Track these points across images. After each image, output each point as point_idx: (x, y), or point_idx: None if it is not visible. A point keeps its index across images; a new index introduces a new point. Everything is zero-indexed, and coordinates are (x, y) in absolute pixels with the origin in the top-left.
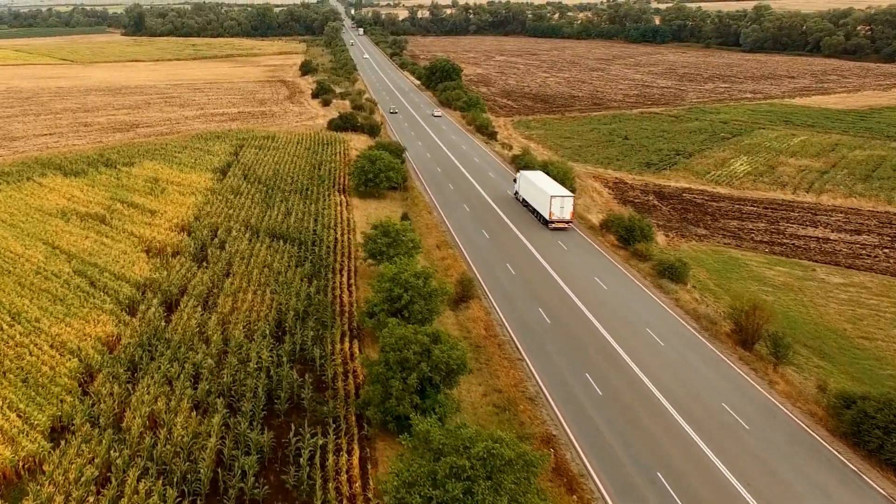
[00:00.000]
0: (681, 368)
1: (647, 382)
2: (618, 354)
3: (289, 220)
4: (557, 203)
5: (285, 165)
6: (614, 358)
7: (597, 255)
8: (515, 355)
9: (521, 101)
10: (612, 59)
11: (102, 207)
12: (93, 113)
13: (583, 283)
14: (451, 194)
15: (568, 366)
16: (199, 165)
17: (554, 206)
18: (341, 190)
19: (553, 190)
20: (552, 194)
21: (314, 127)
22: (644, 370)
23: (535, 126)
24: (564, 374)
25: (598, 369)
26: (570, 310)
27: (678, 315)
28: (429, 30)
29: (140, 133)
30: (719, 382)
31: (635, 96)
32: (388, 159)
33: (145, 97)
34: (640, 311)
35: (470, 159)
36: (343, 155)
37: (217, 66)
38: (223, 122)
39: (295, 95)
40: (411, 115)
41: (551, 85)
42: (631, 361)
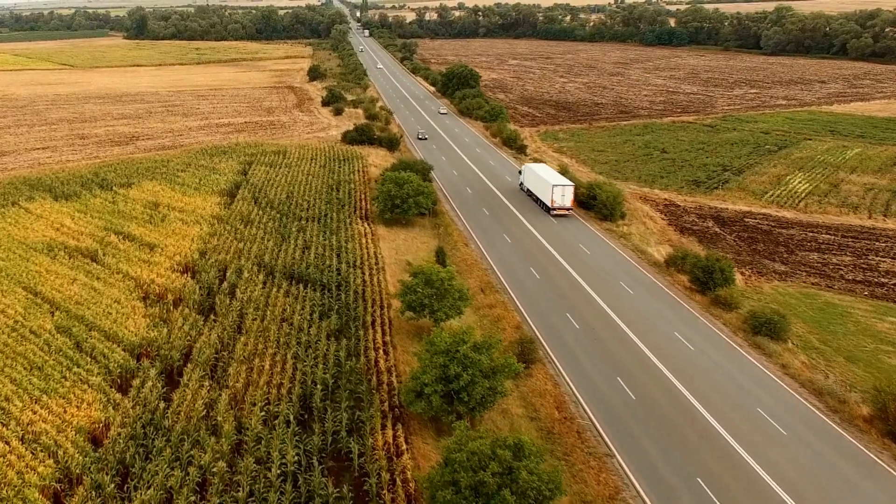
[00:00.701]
0: (817, 470)
1: (785, 497)
2: (734, 451)
3: (307, 257)
4: (559, 191)
5: (299, 186)
6: (730, 456)
7: (671, 302)
8: (602, 448)
9: (542, 108)
10: (630, 62)
11: (95, 240)
12: (90, 123)
13: (662, 341)
14: (486, 221)
15: (672, 468)
16: (204, 186)
17: (556, 194)
18: (364, 216)
19: (555, 180)
20: (554, 183)
21: (327, 139)
22: (774, 476)
23: (563, 138)
24: (669, 477)
25: (713, 474)
26: (655, 379)
27: (791, 388)
28: (437, 32)
29: (140, 147)
30: (878, 497)
31: (662, 103)
32: (416, 182)
33: (146, 105)
34: (744, 383)
35: (501, 178)
36: (362, 173)
37: (221, 70)
38: (229, 133)
39: (304, 103)
40: (430, 126)
41: (571, 91)
42: (754, 462)
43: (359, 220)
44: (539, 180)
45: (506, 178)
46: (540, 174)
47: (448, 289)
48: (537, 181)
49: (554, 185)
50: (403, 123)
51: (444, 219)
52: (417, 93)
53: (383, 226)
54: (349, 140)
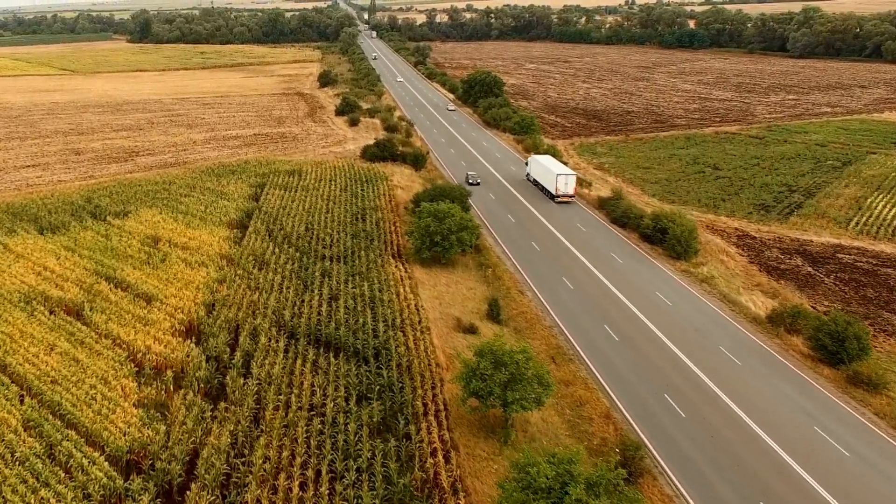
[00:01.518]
0: None
1: None
2: None
3: (336, 312)
4: (562, 180)
5: (319, 215)
6: None
7: (795, 380)
8: None
9: (570, 117)
10: (653, 66)
11: (82, 289)
12: (87, 136)
13: (801, 439)
14: (538, 258)
15: None
16: (210, 216)
17: (559, 182)
18: (396, 253)
19: (559, 170)
20: (558, 173)
21: (345, 155)
22: None
23: (601, 152)
24: None
25: None
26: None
27: None
28: (448, 35)
29: (140, 164)
30: None
31: (697, 111)
32: (458, 215)
33: (148, 115)
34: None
35: (545, 204)
36: (388, 197)
37: (227, 76)
38: (237, 147)
39: (316, 112)
40: (454, 138)
41: (597, 98)
42: None
43: (391, 259)
44: (544, 170)
45: (550, 202)
46: (545, 164)
47: (525, 373)
48: (543, 171)
49: (558, 175)
50: (426, 136)
51: (489, 256)
52: (437, 101)
53: (420, 266)
54: (370, 156)
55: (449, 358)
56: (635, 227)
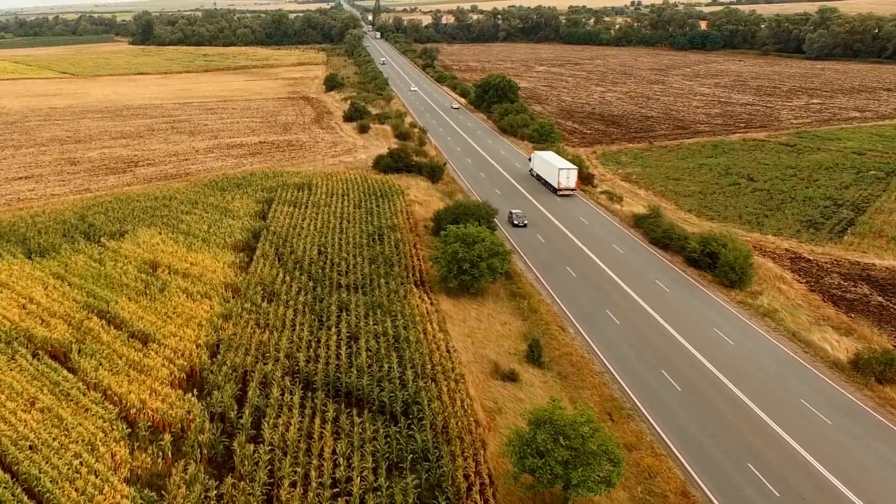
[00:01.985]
0: None
1: None
2: None
3: (357, 355)
4: (564, 174)
5: (332, 235)
6: None
7: (893, 441)
8: None
9: (588, 123)
10: (666, 68)
11: (71, 326)
12: (84, 144)
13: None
14: (575, 286)
15: None
16: (214, 237)
17: (561, 176)
18: (419, 281)
19: (561, 164)
20: (560, 167)
21: (356, 165)
22: None
23: (626, 161)
24: None
25: None
26: None
27: None
28: (454, 36)
29: (139, 175)
30: None
31: (719, 116)
32: (489, 239)
33: (149, 121)
34: None
35: (576, 221)
36: (406, 215)
37: (231, 79)
38: (242, 157)
39: (323, 118)
40: (469, 147)
41: (614, 102)
42: None
43: (414, 289)
44: (547, 165)
45: (580, 219)
46: (548, 160)
47: (591, 448)
48: (545, 166)
49: (560, 169)
50: (440, 144)
51: (521, 283)
52: (448, 105)
53: (446, 296)
54: (383, 167)
55: (489, 413)
56: (678, 248)
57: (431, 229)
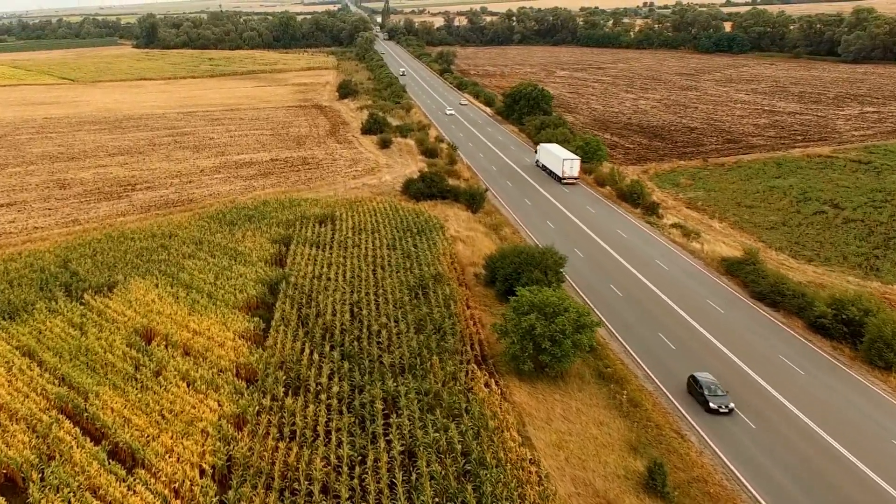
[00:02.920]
0: None
1: None
2: None
3: (419, 491)
4: (568, 164)
5: (366, 288)
6: None
7: None
8: None
9: (627, 135)
10: (695, 73)
11: (37, 434)
12: (77, 163)
13: None
14: (678, 363)
15: None
16: (222, 291)
17: (565, 166)
18: (479, 356)
19: (564, 155)
20: (564, 158)
21: (381, 189)
22: None
23: (684, 183)
24: None
25: None
26: None
27: None
28: (468, 39)
29: (136, 202)
30: None
31: (769, 127)
32: (573, 308)
33: (150, 133)
34: None
35: (652, 266)
36: (450, 258)
37: (238, 85)
38: (252, 178)
39: (339, 129)
40: (506, 166)
41: (649, 111)
42: None
43: (476, 369)
44: (552, 156)
45: (656, 263)
46: (553, 151)
47: None
48: (550, 157)
49: (564, 160)
50: (472, 162)
51: (609, 358)
52: (473, 116)
53: (518, 380)
54: (414, 193)
55: None
56: (795, 308)
57: (484, 279)
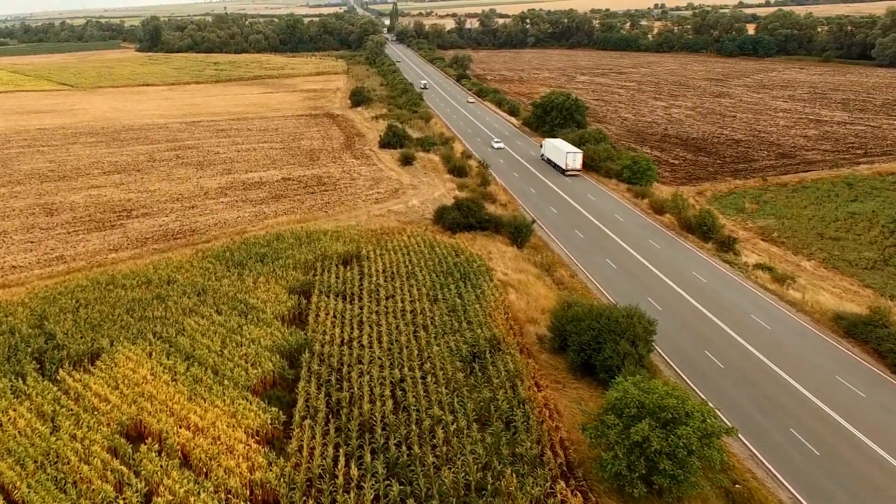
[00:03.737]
0: None
1: None
2: None
3: None
4: (571, 157)
5: (408, 360)
6: None
7: None
8: None
9: (669, 149)
10: (723, 78)
11: None
12: (69, 182)
13: None
14: (827, 481)
15: None
16: (230, 365)
17: (568, 159)
18: (565, 467)
19: (568, 149)
20: (567, 151)
21: (410, 217)
22: None
23: (749, 207)
24: None
25: None
26: None
27: None
28: (479, 42)
29: (130, 234)
30: None
31: (822, 140)
32: (697, 412)
33: (150, 147)
34: None
35: (750, 325)
36: (505, 313)
37: (244, 91)
38: (263, 202)
39: (354, 142)
40: (546, 188)
41: (684, 120)
42: None
43: (564, 488)
44: (556, 150)
45: (753, 318)
46: (556, 146)
47: None
48: (555, 151)
49: (567, 153)
50: (507, 183)
51: (741, 475)
52: (498, 127)
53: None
54: (449, 223)
55: None
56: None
57: (550, 342)
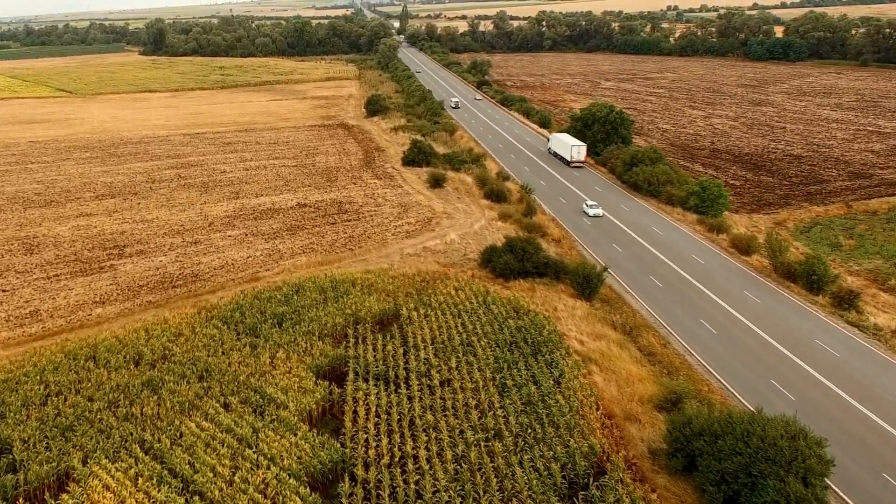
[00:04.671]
0: None
1: None
2: None
3: None
4: (575, 150)
5: (487, 493)
6: None
7: None
8: None
9: (724, 167)
10: (758, 84)
11: None
12: (56, 209)
13: None
14: None
15: None
16: (243, 498)
17: (573, 152)
18: None
19: (572, 142)
20: (572, 144)
21: (450, 256)
22: None
23: (846, 243)
24: None
25: None
26: None
27: None
28: (494, 45)
29: (122, 278)
30: None
31: (891, 155)
32: None
33: (149, 165)
34: None
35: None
36: (593, 405)
37: (251, 98)
38: (276, 237)
39: (374, 158)
40: (606, 220)
41: (729, 132)
42: None
43: None
44: (562, 143)
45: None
46: (562, 139)
47: None
48: (560, 144)
49: (572, 146)
50: (555, 212)
51: None
52: (531, 141)
53: None
54: (501, 269)
55: None
56: None
57: (666, 457)
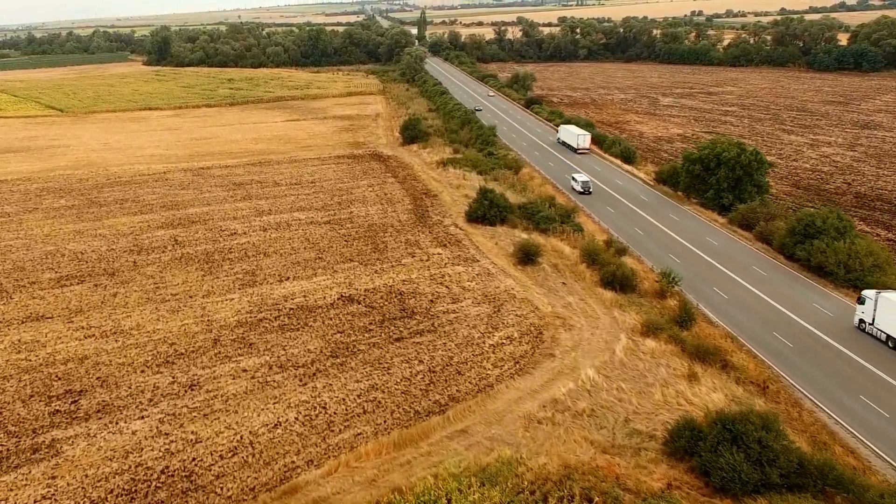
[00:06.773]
0: None
1: None
2: None
3: None
4: (581, 138)
5: None
6: None
7: None
8: None
9: (875, 218)
10: (844, 101)
11: None
12: (4, 302)
13: None
14: None
15: None
16: None
17: (579, 140)
18: None
19: (578, 132)
20: (577, 133)
21: (599, 419)
22: None
23: None
24: None
25: None
26: None
27: None
28: (523, 55)
29: (60, 483)
30: None
31: None
32: None
33: (139, 220)
34: None
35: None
36: None
37: (265, 118)
38: (316, 370)
39: (427, 208)
40: (805, 332)
41: (854, 165)
42: None
43: None
44: (569, 133)
45: None
46: (569, 129)
47: None
48: (567, 134)
49: (578, 135)
50: (721, 318)
51: None
52: (622, 184)
53: None
54: (720, 477)
55: None
56: None
57: None
